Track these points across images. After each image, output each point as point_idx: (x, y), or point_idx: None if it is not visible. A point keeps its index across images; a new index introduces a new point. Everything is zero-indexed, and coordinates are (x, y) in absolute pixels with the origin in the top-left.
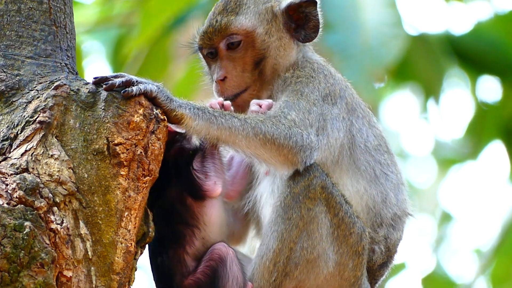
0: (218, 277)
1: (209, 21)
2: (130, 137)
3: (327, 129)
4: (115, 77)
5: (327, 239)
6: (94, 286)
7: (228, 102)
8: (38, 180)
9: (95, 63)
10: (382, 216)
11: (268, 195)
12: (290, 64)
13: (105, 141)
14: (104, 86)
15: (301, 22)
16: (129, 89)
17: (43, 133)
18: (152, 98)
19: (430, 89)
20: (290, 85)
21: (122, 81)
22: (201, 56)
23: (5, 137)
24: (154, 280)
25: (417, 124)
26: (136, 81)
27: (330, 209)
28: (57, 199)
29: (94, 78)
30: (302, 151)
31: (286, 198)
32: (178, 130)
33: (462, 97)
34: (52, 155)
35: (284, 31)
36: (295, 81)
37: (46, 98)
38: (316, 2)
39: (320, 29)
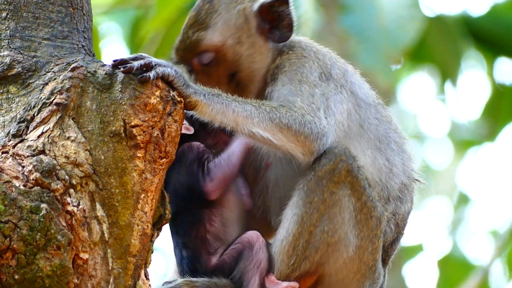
0: (242, 258)
1: (181, 36)
2: (146, 119)
3: (331, 107)
4: (134, 59)
5: (349, 223)
6: (110, 268)
7: None
8: (55, 162)
9: (112, 45)
10: (389, 189)
11: (273, 187)
12: (273, 56)
13: (121, 123)
14: (122, 69)
15: (275, 22)
16: (146, 74)
17: (59, 115)
18: (168, 82)
19: (447, 71)
20: (285, 68)
21: (141, 64)
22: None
23: (22, 119)
24: (177, 263)
25: (434, 106)
26: (155, 64)
27: (354, 193)
28: (74, 181)
29: (114, 61)
30: (318, 139)
31: (309, 182)
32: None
33: (479, 78)
34: (68, 137)
35: (257, 35)
36: (288, 64)
37: (63, 80)
38: (288, 0)
39: (295, 26)
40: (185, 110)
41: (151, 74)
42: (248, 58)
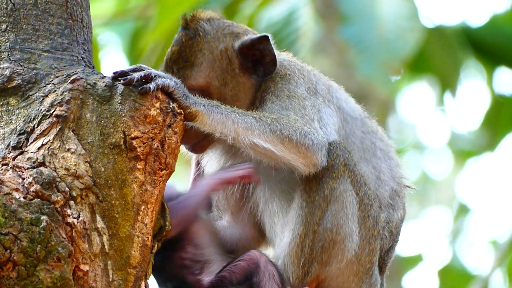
0: (252, 274)
1: (165, 69)
2: (146, 130)
3: (323, 119)
4: (134, 70)
5: (353, 218)
6: (110, 280)
7: None
8: (55, 174)
9: (112, 55)
10: (380, 196)
11: (263, 204)
12: (257, 82)
13: (121, 135)
14: (122, 81)
15: (257, 58)
16: (146, 86)
17: (59, 127)
18: (168, 93)
19: (447, 81)
20: (271, 89)
21: (141, 75)
22: None
23: (22, 131)
24: None
25: (433, 116)
26: (155, 75)
27: (354, 187)
28: (74, 193)
29: (114, 73)
30: (319, 150)
31: (310, 182)
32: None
33: (479, 89)
34: (68, 149)
35: (240, 74)
36: (274, 84)
37: (63, 92)
38: (267, 37)
39: (277, 62)
40: (185, 122)
41: (151, 85)
42: (233, 97)
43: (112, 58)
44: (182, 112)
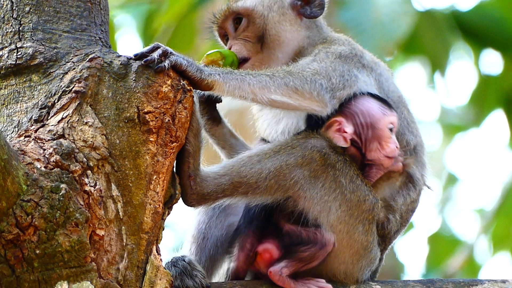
0: (306, 245)
1: (222, 6)
2: (159, 106)
3: (353, 71)
4: (152, 50)
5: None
6: (124, 244)
7: None
8: (73, 145)
9: (127, 36)
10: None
11: None
12: (306, 40)
13: (135, 110)
14: (143, 62)
15: (307, 1)
16: (161, 65)
17: (78, 102)
18: (182, 71)
19: (437, 62)
20: (316, 49)
21: (159, 54)
22: (219, 40)
23: (43, 106)
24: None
25: (424, 94)
26: (170, 53)
27: (341, 174)
28: (91, 163)
29: (134, 55)
30: (327, 92)
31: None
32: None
33: (466, 69)
34: (86, 123)
35: (289, 8)
36: (322, 46)
37: (82, 70)
38: None
39: (326, 6)
40: (203, 92)
41: (166, 63)
42: (274, 37)
43: (127, 39)
44: (192, 89)
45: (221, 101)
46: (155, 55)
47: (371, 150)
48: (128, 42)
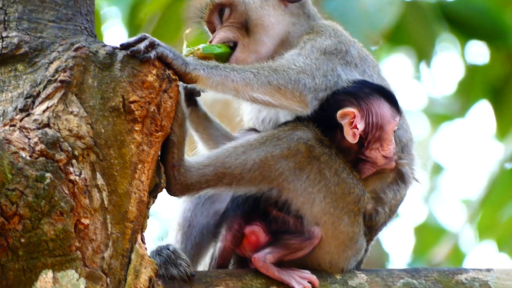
0: (294, 233)
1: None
2: (144, 95)
3: (337, 70)
4: (139, 41)
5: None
6: (109, 233)
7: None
8: (59, 134)
9: (113, 28)
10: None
11: None
12: (291, 26)
13: (121, 99)
14: (129, 52)
15: None
16: (148, 55)
17: (63, 91)
18: (167, 63)
19: (423, 52)
20: (302, 39)
21: (146, 45)
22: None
23: (28, 95)
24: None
25: (410, 84)
26: (157, 44)
27: (326, 166)
28: (76, 152)
29: (120, 45)
30: (310, 93)
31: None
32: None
33: (452, 60)
34: (71, 112)
35: None
36: (308, 37)
37: (67, 59)
38: None
39: (317, 23)
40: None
41: (152, 54)
42: (257, 23)
43: (113, 31)
44: (177, 79)
45: (199, 95)
46: (142, 46)
47: (372, 149)
48: (114, 33)
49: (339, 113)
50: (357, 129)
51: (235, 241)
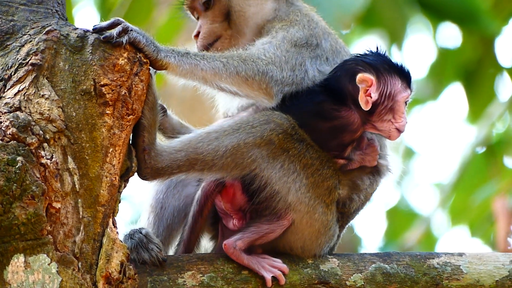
0: (263, 217)
1: None
2: (115, 78)
3: (305, 65)
4: (111, 25)
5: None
6: (81, 216)
7: None
8: (30, 118)
9: (84, 10)
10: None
11: None
12: (271, 13)
13: (92, 82)
14: (102, 37)
15: None
16: (120, 40)
17: (34, 74)
18: (139, 49)
19: (394, 35)
20: (277, 27)
21: (119, 31)
22: (193, 18)
23: (0, 78)
24: None
25: None
26: (130, 29)
27: (298, 157)
28: (47, 136)
29: (93, 28)
30: (277, 85)
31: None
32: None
33: (424, 42)
34: (43, 95)
35: None
36: (281, 24)
37: (38, 42)
38: None
39: (292, 8)
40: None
41: (124, 39)
42: (239, 13)
43: (84, 13)
44: (148, 62)
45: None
46: (115, 32)
47: (384, 120)
48: (85, 16)
49: (359, 76)
50: (371, 97)
51: (216, 188)
